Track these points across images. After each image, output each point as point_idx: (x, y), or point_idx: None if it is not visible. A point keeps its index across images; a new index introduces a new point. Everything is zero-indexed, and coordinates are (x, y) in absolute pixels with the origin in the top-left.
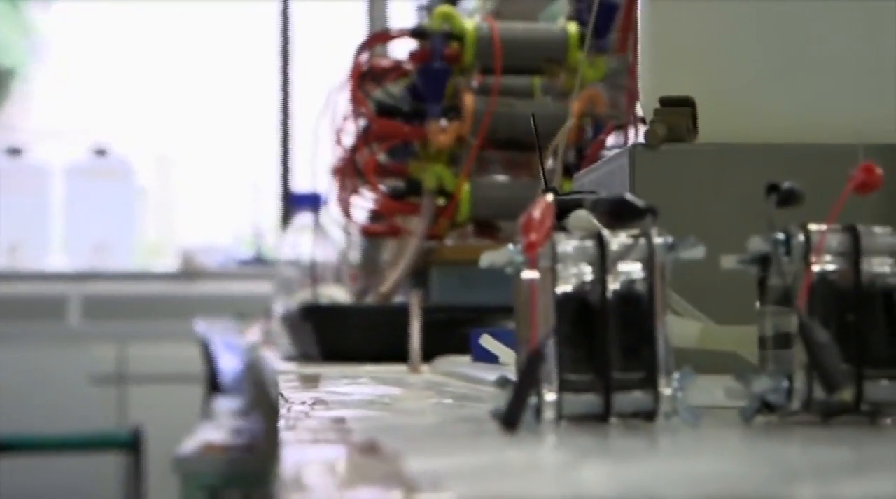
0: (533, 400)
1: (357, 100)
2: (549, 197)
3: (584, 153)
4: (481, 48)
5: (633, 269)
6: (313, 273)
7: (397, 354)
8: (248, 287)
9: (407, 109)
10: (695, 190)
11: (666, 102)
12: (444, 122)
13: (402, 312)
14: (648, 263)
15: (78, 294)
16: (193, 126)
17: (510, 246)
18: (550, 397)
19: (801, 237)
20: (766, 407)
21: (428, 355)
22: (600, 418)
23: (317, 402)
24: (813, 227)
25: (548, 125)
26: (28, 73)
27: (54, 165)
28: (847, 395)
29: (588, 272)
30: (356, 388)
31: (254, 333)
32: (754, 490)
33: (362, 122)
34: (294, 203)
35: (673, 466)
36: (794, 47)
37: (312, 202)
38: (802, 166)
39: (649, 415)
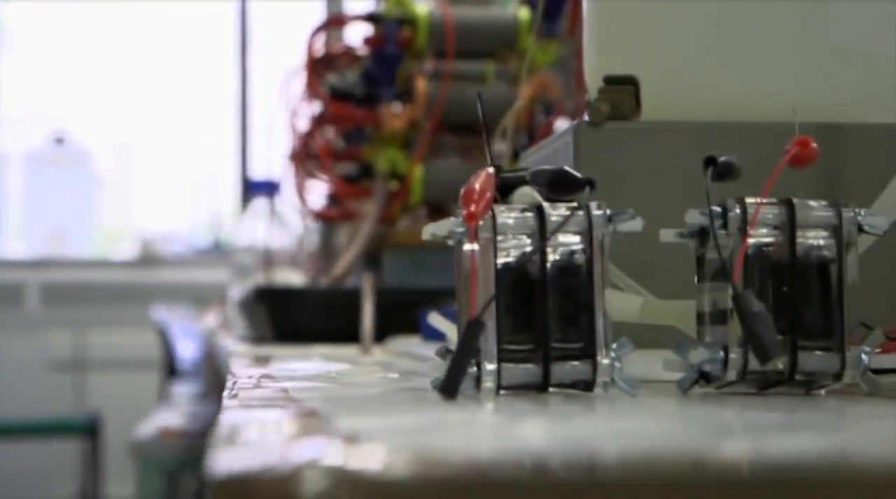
0: (473, 370)
1: (311, 85)
2: (490, 169)
3: (535, 137)
4: (434, 33)
5: (572, 240)
6: (267, 257)
7: (350, 335)
8: (207, 274)
9: (360, 94)
10: (638, 167)
11: (610, 81)
12: (397, 106)
13: (355, 295)
14: (587, 235)
15: (36, 281)
16: (152, 113)
17: (451, 218)
18: (490, 366)
19: (738, 210)
20: (704, 378)
21: (381, 337)
22: (539, 387)
23: (264, 376)
24: (749, 200)
25: (500, 109)
26: None
27: (13, 153)
28: (780, 364)
29: (527, 244)
30: (305, 364)
31: (211, 319)
32: (686, 444)
33: (317, 106)
34: (251, 189)
35: (608, 425)
36: (736, 27)
37: (268, 189)
38: (744, 144)
39: (588, 385)
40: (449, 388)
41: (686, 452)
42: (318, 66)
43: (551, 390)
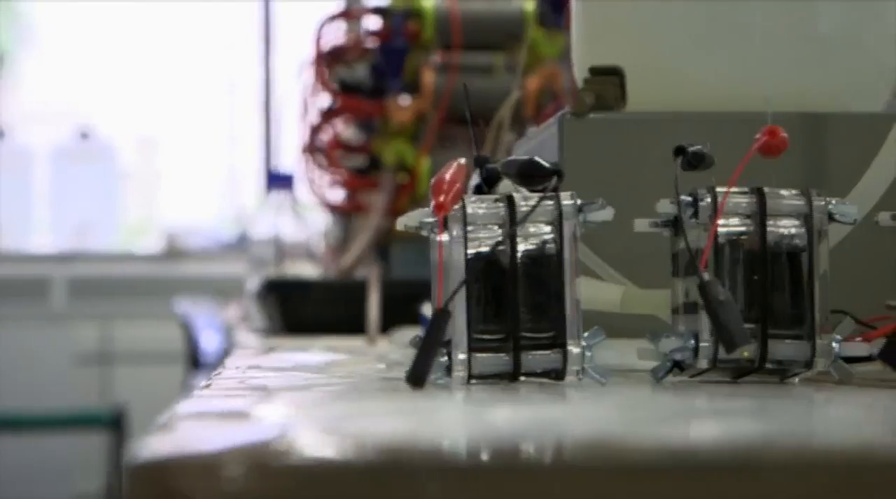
0: (444, 359)
1: (320, 78)
2: (462, 160)
3: None
4: (440, 26)
5: (542, 230)
6: (279, 250)
7: (358, 327)
8: (231, 267)
9: (369, 86)
10: (623, 157)
11: (595, 72)
12: (406, 98)
13: (363, 287)
14: (557, 225)
15: (62, 275)
16: (176, 107)
17: (422, 208)
18: (461, 356)
19: (708, 199)
20: (678, 367)
21: (388, 328)
22: (510, 376)
23: (252, 367)
24: (720, 189)
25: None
26: (16, 57)
27: (39, 148)
28: (747, 352)
29: (499, 234)
30: (301, 356)
31: (232, 312)
32: (651, 429)
33: (326, 99)
34: (269, 182)
35: (576, 411)
36: (722, 17)
37: (286, 181)
38: (730, 134)
39: (558, 374)
40: (415, 377)
41: (643, 436)
42: (327, 60)
43: (523, 379)
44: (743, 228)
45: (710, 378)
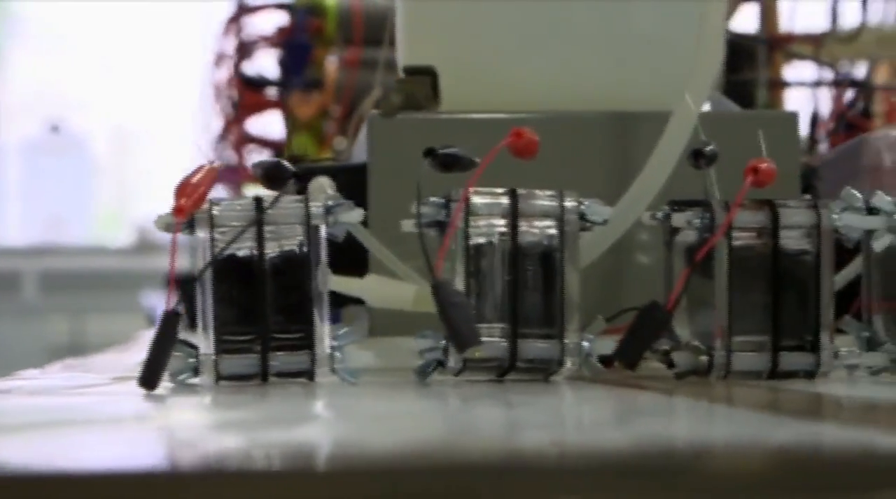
0: (192, 360)
1: (226, 74)
2: (216, 163)
3: None
4: (344, 21)
5: (295, 232)
6: None
7: None
8: None
9: (276, 81)
10: None
11: (409, 72)
12: (316, 94)
13: None
14: (307, 226)
15: (33, 269)
16: (149, 99)
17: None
18: (209, 357)
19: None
20: (441, 366)
21: None
22: (261, 377)
23: (66, 367)
24: (480, 190)
25: None
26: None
27: (9, 141)
28: (479, 352)
29: (248, 235)
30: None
31: None
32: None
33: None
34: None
35: (311, 410)
36: (540, 18)
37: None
38: (541, 135)
39: (309, 375)
40: (146, 380)
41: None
42: (236, 55)
43: (274, 380)
44: (499, 229)
45: (476, 377)
